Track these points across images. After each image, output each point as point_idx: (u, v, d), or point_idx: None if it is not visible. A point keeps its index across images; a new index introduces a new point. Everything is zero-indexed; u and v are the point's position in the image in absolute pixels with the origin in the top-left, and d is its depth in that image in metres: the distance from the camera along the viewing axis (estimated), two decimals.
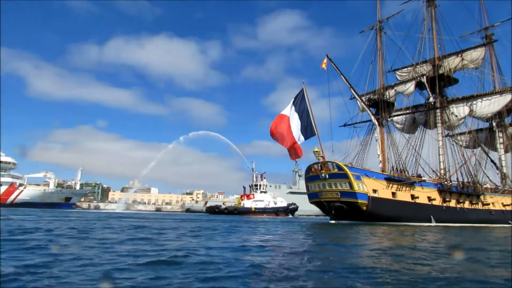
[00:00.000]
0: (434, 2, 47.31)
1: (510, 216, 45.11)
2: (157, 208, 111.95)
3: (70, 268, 5.77)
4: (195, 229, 17.28)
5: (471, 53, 45.37)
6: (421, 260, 8.03)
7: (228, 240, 12.03)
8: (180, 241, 11.04)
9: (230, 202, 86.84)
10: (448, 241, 15.02)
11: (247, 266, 6.51)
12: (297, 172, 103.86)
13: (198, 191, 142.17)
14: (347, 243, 12.70)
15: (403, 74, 47.82)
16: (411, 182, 36.46)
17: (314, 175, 34.43)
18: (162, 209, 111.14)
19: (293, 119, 33.45)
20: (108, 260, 6.72)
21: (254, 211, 68.80)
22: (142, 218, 32.08)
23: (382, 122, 40.70)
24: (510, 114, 52.12)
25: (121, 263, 6.39)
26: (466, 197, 40.92)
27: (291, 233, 17.22)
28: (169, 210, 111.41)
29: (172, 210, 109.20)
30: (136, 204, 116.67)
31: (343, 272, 6.12)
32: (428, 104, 44.70)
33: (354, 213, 32.42)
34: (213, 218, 38.93)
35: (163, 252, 8.01)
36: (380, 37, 43.06)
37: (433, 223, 35.17)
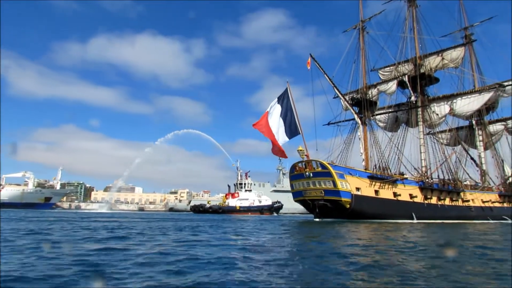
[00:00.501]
0: (415, 2, 48.05)
1: (489, 212, 46.27)
2: (140, 208, 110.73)
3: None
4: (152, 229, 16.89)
5: (451, 53, 46.26)
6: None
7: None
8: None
9: (215, 200, 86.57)
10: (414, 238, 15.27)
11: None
12: (281, 170, 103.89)
13: (183, 190, 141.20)
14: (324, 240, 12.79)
15: (385, 73, 48.44)
16: (394, 180, 36.98)
17: (299, 174, 34.57)
18: (145, 209, 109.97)
19: (275, 119, 33.47)
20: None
21: (238, 209, 68.84)
22: (120, 218, 31.66)
23: (365, 121, 41.16)
24: (489, 112, 53.38)
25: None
26: (446, 194, 41.73)
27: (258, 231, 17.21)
28: (152, 209, 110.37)
29: (155, 210, 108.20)
30: (118, 203, 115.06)
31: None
32: (410, 103, 45.39)
33: (338, 211, 32.70)
34: (193, 218, 38.70)
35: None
36: (362, 36, 43.49)
37: (415, 220, 35.76)
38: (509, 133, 53.46)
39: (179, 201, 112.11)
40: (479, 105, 46.88)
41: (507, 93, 51.13)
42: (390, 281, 5.71)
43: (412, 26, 47.66)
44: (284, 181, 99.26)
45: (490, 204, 47.31)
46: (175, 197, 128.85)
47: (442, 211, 40.29)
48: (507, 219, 47.98)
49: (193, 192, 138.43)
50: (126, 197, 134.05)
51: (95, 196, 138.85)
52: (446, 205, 41.28)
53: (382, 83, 43.64)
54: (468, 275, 6.49)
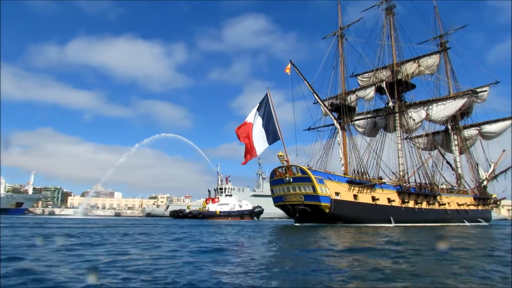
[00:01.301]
0: (392, 10, 49.25)
1: (465, 215, 47.52)
2: (117, 213, 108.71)
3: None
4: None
5: (426, 60, 47.55)
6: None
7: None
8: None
9: (196, 206, 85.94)
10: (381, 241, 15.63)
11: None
12: (260, 175, 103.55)
13: (163, 195, 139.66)
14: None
15: (364, 79, 49.40)
16: (372, 184, 37.61)
17: (279, 179, 34.79)
18: (121, 214, 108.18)
19: (256, 126, 33.64)
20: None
21: (219, 214, 68.56)
22: (89, 224, 31.03)
23: (344, 126, 41.79)
24: (464, 117, 55.01)
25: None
26: (423, 197, 42.69)
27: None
28: (129, 215, 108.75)
29: (132, 215, 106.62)
30: (94, 209, 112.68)
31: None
32: (388, 108, 46.36)
33: (317, 215, 33.02)
34: (166, 223, 38.23)
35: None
36: (341, 43, 44.26)
37: (393, 224, 36.40)
38: (483, 137, 55.10)
39: (157, 206, 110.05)
40: (453, 110, 48.28)
41: (481, 99, 52.92)
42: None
43: (390, 34, 48.85)
44: (263, 186, 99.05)
45: (465, 207, 48.64)
46: (153, 202, 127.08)
47: (419, 214, 41.16)
48: (482, 222, 49.45)
49: (174, 197, 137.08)
50: (104, 202, 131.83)
51: (71, 201, 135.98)
52: (423, 208, 42.20)
53: (361, 89, 44.46)
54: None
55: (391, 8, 49.41)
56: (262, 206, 76.86)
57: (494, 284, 6.19)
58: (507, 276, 7.01)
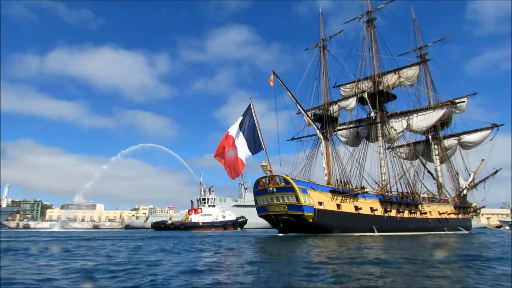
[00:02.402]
0: (373, 23, 50.33)
1: (445, 223, 48.20)
2: (95, 226, 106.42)
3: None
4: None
5: (406, 71, 48.59)
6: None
7: None
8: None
9: (179, 217, 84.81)
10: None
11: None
12: (243, 185, 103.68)
13: (145, 206, 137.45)
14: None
15: (346, 90, 50.06)
16: (355, 193, 37.84)
17: (262, 189, 34.63)
18: (100, 227, 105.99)
19: (239, 137, 33.50)
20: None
21: (201, 225, 67.81)
22: (61, 237, 29.92)
23: (327, 136, 42.10)
24: (444, 127, 56.25)
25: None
26: (405, 206, 43.13)
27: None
28: (108, 227, 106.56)
29: (111, 227, 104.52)
30: (71, 222, 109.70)
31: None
32: (370, 118, 47.02)
33: (301, 225, 32.92)
34: (141, 235, 37.08)
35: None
36: (323, 54, 44.88)
37: (376, 233, 36.59)
38: (462, 147, 56.39)
39: (136, 218, 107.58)
40: (433, 121, 49.29)
41: (459, 109, 54.30)
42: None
43: (371, 46, 49.80)
44: (246, 196, 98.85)
45: (446, 215, 49.35)
46: (132, 214, 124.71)
47: (401, 223, 41.52)
48: (462, 230, 50.22)
49: (157, 208, 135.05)
50: (84, 215, 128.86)
51: (50, 214, 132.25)
52: (405, 217, 42.60)
53: (343, 99, 45.02)
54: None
55: (371, 20, 50.49)
56: (245, 217, 76.44)
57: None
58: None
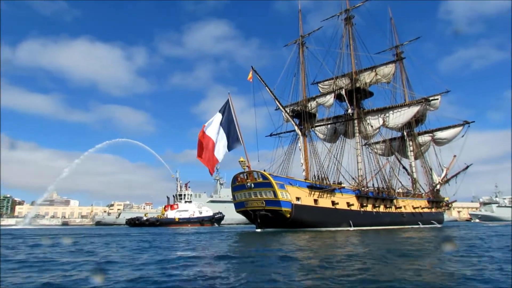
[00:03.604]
0: (351, 21, 50.98)
1: (419, 217, 49.60)
2: (64, 222, 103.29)
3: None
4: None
5: (383, 69, 49.51)
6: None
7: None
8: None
9: (156, 213, 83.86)
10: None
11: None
12: (218, 180, 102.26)
13: (120, 202, 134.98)
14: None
15: (325, 87, 50.65)
16: (332, 189, 38.42)
17: (240, 185, 34.73)
18: (70, 223, 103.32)
19: (216, 132, 33.26)
20: None
21: (177, 221, 67.45)
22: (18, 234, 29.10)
23: (305, 132, 42.52)
24: (418, 124, 57.74)
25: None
26: (381, 201, 44.11)
27: None
28: (78, 223, 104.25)
29: (81, 224, 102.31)
30: (39, 218, 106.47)
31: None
32: (347, 115, 47.76)
33: (278, 221, 33.21)
34: (107, 232, 36.53)
35: None
36: (302, 51, 45.20)
37: (352, 228, 37.29)
38: (436, 143, 58.05)
39: (108, 214, 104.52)
40: (408, 117, 50.50)
41: (433, 107, 55.80)
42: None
43: (349, 43, 50.48)
44: (221, 192, 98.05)
45: (420, 210, 50.79)
46: (104, 210, 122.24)
47: (377, 218, 42.48)
48: (435, 223, 51.84)
49: (134, 204, 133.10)
50: (56, 211, 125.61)
51: (19, 210, 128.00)
52: (380, 212, 43.59)
53: (321, 96, 45.51)
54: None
55: (349, 18, 51.12)
56: (222, 212, 76.21)
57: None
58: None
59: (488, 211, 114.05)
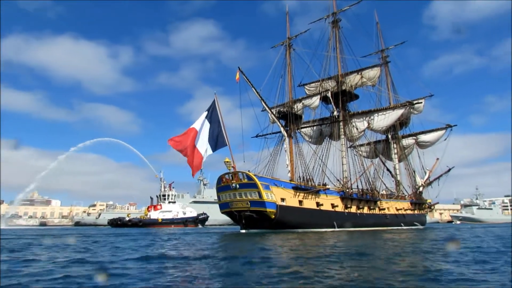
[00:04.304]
0: (338, 24, 51.45)
1: (402, 219, 50.34)
2: (42, 223, 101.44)
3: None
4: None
5: (369, 72, 50.09)
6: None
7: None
8: None
9: (139, 214, 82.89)
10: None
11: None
12: (202, 181, 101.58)
13: (102, 202, 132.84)
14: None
15: (311, 89, 50.95)
16: (317, 190, 38.66)
17: (225, 185, 34.64)
18: (48, 223, 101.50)
19: (203, 132, 33.10)
20: None
21: (161, 222, 66.89)
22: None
23: (290, 134, 42.70)
24: (403, 127, 58.66)
25: None
26: (365, 203, 44.62)
27: None
28: (56, 224, 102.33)
29: (60, 224, 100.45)
30: (15, 218, 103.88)
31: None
32: (333, 117, 48.18)
33: (263, 221, 33.21)
34: (83, 233, 35.29)
35: None
36: (289, 53, 45.40)
37: (336, 229, 37.62)
38: (419, 146, 59.06)
39: (88, 214, 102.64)
40: (393, 120, 51.25)
41: (417, 110, 56.79)
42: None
43: (335, 46, 50.92)
44: (204, 192, 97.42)
45: (403, 211, 51.55)
46: (83, 210, 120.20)
47: (360, 219, 42.92)
48: (417, 225, 52.69)
49: (117, 204, 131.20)
50: (35, 211, 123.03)
51: None
52: (364, 213, 44.08)
53: (307, 97, 45.75)
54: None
55: (336, 21, 51.58)
56: (206, 213, 75.73)
57: None
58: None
59: (468, 213, 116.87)
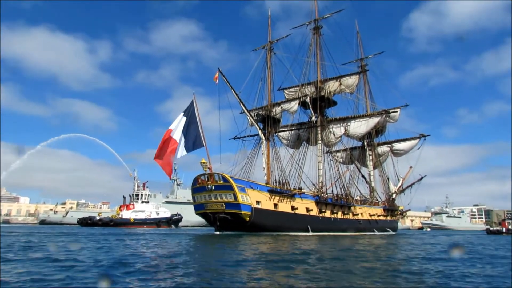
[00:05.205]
0: (319, 31, 52.15)
1: (375, 224, 51.27)
2: (5, 220, 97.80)
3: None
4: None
5: (347, 79, 50.92)
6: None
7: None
8: None
9: (111, 213, 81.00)
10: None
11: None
12: (176, 181, 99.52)
13: (72, 200, 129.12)
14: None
15: (290, 93, 51.34)
16: (292, 194, 38.91)
17: (201, 187, 34.41)
18: (11, 221, 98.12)
19: (178, 134, 32.70)
20: None
21: (133, 222, 65.71)
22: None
23: (268, 137, 42.88)
24: (378, 135, 59.86)
25: None
26: (339, 208, 45.20)
27: None
28: (20, 222, 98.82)
29: (24, 222, 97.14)
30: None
31: None
32: (311, 122, 48.65)
33: (238, 224, 33.15)
34: (46, 231, 34.40)
35: None
36: (270, 57, 45.68)
37: (310, 233, 37.93)
38: (394, 154, 60.40)
39: (54, 213, 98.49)
40: (369, 128, 52.26)
41: (393, 119, 58.06)
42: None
43: (316, 52, 51.58)
44: (178, 193, 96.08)
45: (376, 217, 52.53)
46: (50, 208, 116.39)
47: (334, 223, 43.45)
48: (389, 231, 53.77)
49: (90, 203, 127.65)
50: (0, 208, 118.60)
51: None
52: (338, 218, 44.63)
53: (286, 102, 46.07)
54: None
55: (318, 28, 52.27)
56: (180, 214, 74.67)
57: None
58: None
59: (438, 220, 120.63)
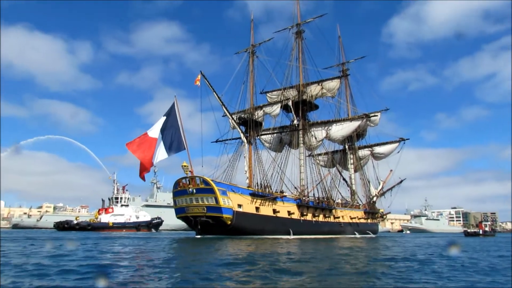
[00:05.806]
0: (302, 35, 52.60)
1: (356, 227, 51.81)
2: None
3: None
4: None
5: (329, 83, 51.44)
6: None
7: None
8: None
9: (89, 216, 79.30)
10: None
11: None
12: (155, 184, 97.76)
13: (49, 204, 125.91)
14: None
15: (273, 97, 51.51)
16: (274, 197, 38.92)
17: (182, 190, 34.05)
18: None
19: (155, 130, 32.36)
20: None
21: (111, 226, 64.53)
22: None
23: (250, 140, 42.84)
24: (359, 138, 60.68)
25: None
26: (320, 211, 45.49)
27: None
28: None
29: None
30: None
31: None
32: (293, 126, 48.96)
33: (219, 227, 32.93)
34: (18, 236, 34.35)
35: None
36: (252, 60, 45.74)
37: (292, 236, 37.95)
38: (374, 158, 61.30)
39: (28, 216, 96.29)
40: (350, 131, 52.93)
41: (373, 123, 58.96)
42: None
43: (298, 56, 51.97)
44: (158, 196, 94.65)
45: (357, 220, 53.11)
46: (24, 212, 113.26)
47: (316, 226, 43.67)
48: (370, 234, 54.43)
49: (68, 206, 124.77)
50: None
51: None
52: (319, 221, 44.88)
53: (268, 105, 46.22)
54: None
55: (300, 32, 52.70)
56: (161, 217, 73.68)
57: None
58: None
59: (417, 223, 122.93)
